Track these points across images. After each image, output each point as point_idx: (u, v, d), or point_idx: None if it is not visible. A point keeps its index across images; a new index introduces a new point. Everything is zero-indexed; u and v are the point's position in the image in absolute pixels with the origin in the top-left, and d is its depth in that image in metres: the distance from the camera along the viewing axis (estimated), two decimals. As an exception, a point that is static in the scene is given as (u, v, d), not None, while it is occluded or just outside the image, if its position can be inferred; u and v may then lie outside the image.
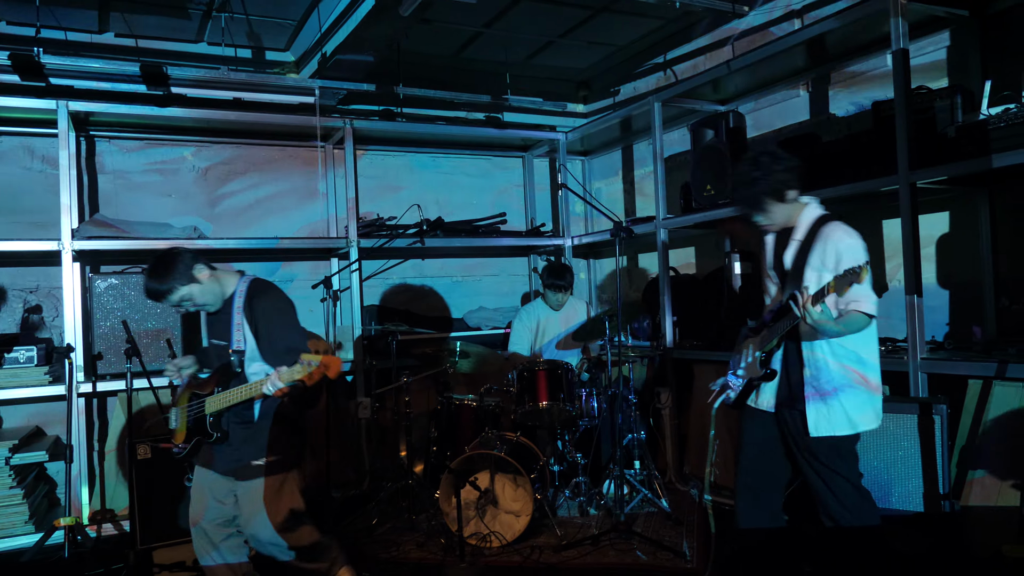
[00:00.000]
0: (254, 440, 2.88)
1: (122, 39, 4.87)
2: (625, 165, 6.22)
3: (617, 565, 3.59)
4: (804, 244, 2.78)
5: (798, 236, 2.82)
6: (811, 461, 2.76)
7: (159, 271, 2.79)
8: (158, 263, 2.81)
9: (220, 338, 2.85)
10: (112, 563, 3.72)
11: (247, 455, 2.87)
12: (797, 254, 2.79)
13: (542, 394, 4.27)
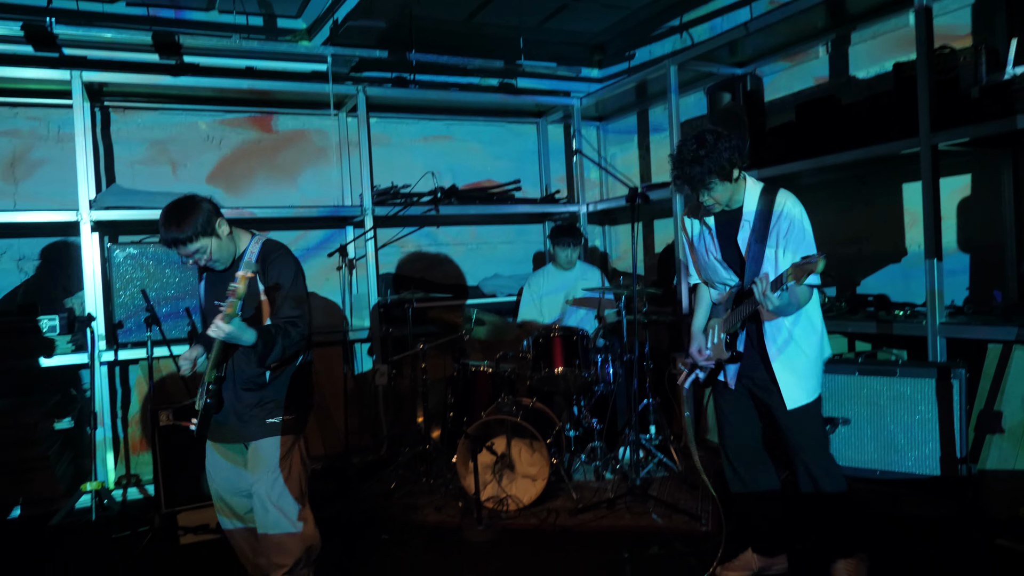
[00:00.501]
0: (267, 400, 2.78)
1: (134, 8, 4.84)
2: (641, 130, 6.15)
3: (633, 528, 3.63)
4: (757, 223, 2.75)
5: (748, 217, 2.77)
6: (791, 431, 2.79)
7: (180, 217, 2.63)
8: (177, 209, 2.65)
9: (222, 299, 2.56)
10: (138, 526, 3.82)
11: (260, 414, 2.76)
12: (752, 233, 2.75)
13: (558, 360, 4.29)
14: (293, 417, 2.81)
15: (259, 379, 2.77)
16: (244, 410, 2.78)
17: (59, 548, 3.70)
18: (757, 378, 2.84)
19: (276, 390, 2.80)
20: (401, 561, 3.37)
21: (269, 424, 2.77)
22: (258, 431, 2.77)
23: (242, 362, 2.75)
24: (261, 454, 2.77)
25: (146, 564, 3.45)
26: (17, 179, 4.74)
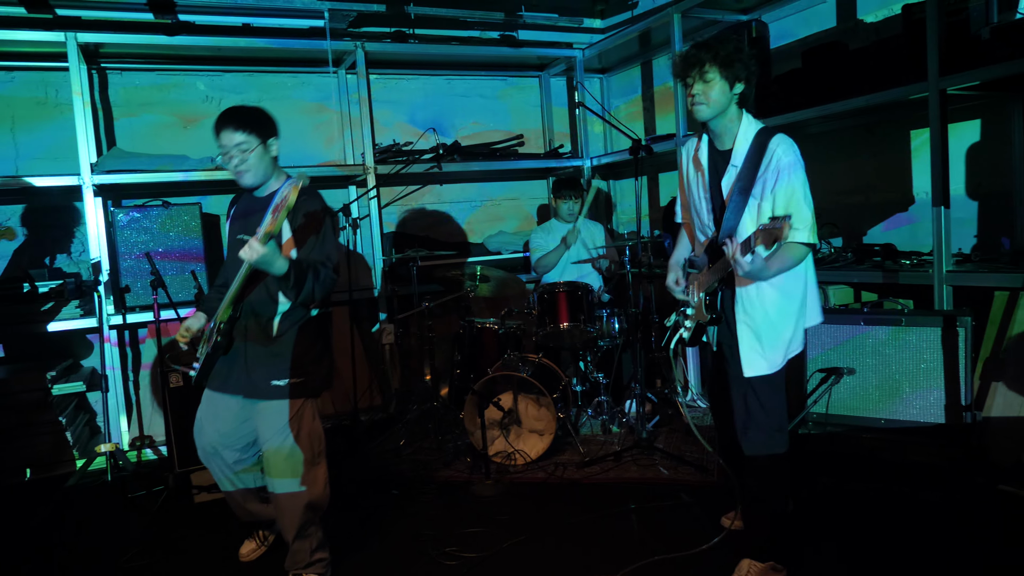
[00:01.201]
0: (275, 357, 2.66)
1: (126, -35, 4.76)
2: (645, 82, 6.05)
3: (640, 479, 3.68)
4: (745, 169, 2.49)
5: (736, 161, 2.52)
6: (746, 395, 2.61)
7: (245, 109, 2.69)
8: (251, 107, 2.72)
9: (248, 233, 2.47)
10: (153, 485, 3.89)
11: (267, 374, 2.66)
12: (737, 181, 2.50)
13: (563, 316, 4.30)
14: (302, 380, 2.68)
15: (268, 330, 2.65)
16: (252, 363, 2.67)
17: (76, 508, 3.78)
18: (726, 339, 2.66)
19: (284, 347, 2.67)
20: (411, 515, 3.43)
21: (274, 387, 2.66)
22: (264, 391, 2.67)
23: (258, 306, 2.66)
24: (267, 416, 2.68)
25: (162, 521, 3.52)
26: (18, 144, 4.72)
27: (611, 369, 4.48)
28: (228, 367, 2.73)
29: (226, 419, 2.77)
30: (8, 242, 4.69)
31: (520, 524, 3.25)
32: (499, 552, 3.01)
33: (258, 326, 2.68)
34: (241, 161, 2.64)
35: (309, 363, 2.71)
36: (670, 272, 2.86)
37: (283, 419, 2.68)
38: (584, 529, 3.18)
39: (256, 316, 2.67)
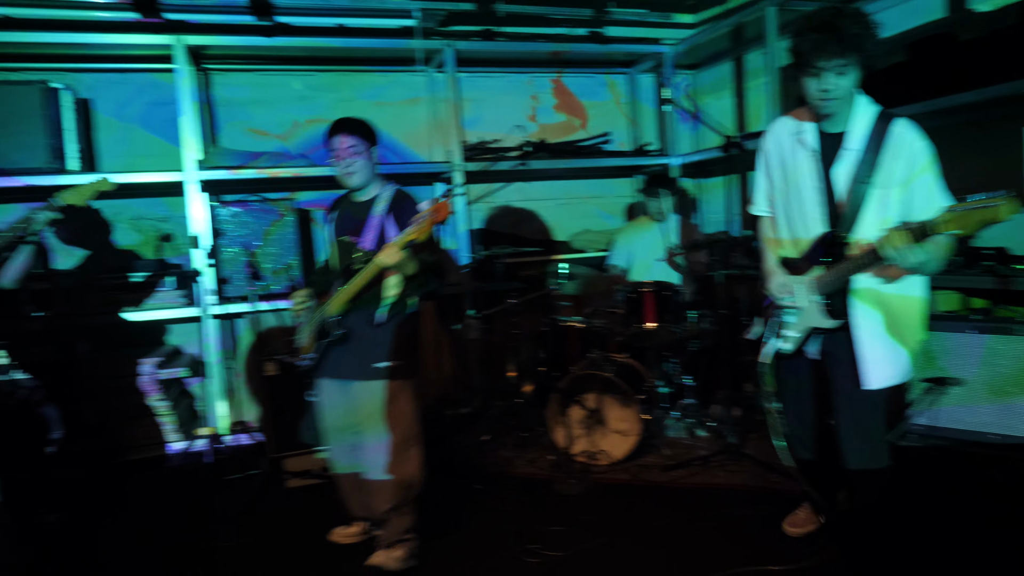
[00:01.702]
0: (377, 344, 2.92)
1: (231, -30, 4.96)
2: (736, 78, 5.90)
3: (726, 486, 3.60)
4: (865, 155, 2.29)
5: (852, 144, 2.33)
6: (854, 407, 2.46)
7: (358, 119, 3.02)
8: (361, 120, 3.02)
9: (352, 234, 2.97)
10: (248, 469, 4.05)
11: (369, 358, 2.90)
12: (858, 169, 2.31)
13: (649, 315, 4.24)
14: (399, 364, 2.92)
15: (371, 320, 2.91)
16: (356, 349, 2.93)
17: (179, 487, 3.98)
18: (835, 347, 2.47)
19: (385, 336, 2.93)
20: (493, 510, 3.45)
21: (374, 369, 2.90)
22: (365, 373, 2.91)
23: (366, 299, 2.91)
24: (365, 397, 2.92)
25: (257, 504, 3.66)
26: (131, 143, 4.98)
27: (698, 371, 4.39)
28: (337, 355, 2.99)
29: (338, 403, 3.03)
30: (118, 233, 4.96)
31: (602, 525, 3.23)
32: (581, 552, 3.00)
33: (364, 317, 2.93)
34: (348, 165, 2.94)
35: (406, 350, 2.97)
36: (774, 276, 2.64)
37: (378, 401, 2.91)
38: (668, 534, 3.14)
39: (363, 308, 2.92)
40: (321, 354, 3.01)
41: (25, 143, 4.19)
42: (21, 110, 4.19)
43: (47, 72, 4.69)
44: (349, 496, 3.17)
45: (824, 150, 2.40)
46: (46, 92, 4.27)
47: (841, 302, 2.42)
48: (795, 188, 2.48)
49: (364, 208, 2.99)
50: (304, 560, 3.10)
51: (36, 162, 4.21)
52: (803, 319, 2.51)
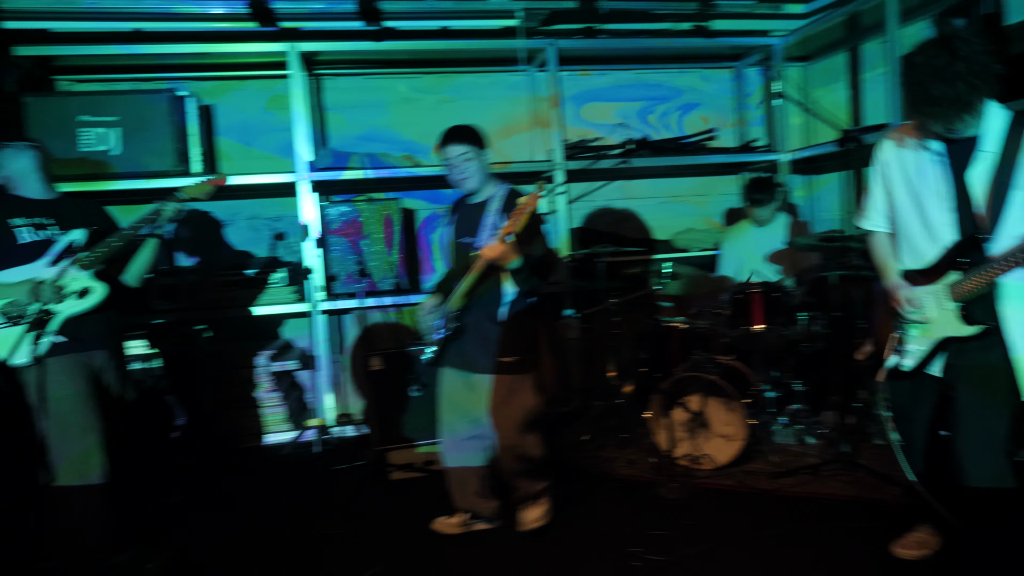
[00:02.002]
0: (500, 339, 3.11)
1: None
2: (851, 69, 5.62)
3: (839, 496, 3.43)
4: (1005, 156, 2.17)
5: (986, 146, 2.22)
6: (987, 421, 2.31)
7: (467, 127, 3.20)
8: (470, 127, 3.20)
9: (468, 235, 3.17)
10: (354, 460, 4.17)
11: (493, 352, 3.10)
12: (996, 172, 2.20)
13: (757, 317, 4.09)
14: (521, 358, 3.12)
15: (494, 316, 3.10)
16: (481, 343, 3.11)
17: (288, 475, 4.15)
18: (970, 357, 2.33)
19: (507, 330, 3.11)
20: (594, 511, 3.42)
21: (499, 363, 3.10)
22: (491, 367, 3.11)
23: (487, 295, 3.10)
24: (487, 389, 3.12)
25: (362, 494, 3.76)
26: (248, 146, 5.24)
27: (809, 376, 4.21)
28: (459, 347, 3.18)
29: (460, 392, 3.21)
30: (234, 232, 5.22)
31: (706, 531, 3.14)
32: (684, 558, 2.92)
33: (486, 312, 3.12)
34: (462, 171, 3.14)
35: (527, 344, 3.19)
36: (900, 290, 2.51)
37: (506, 391, 3.11)
38: (774, 544, 3.01)
39: (485, 304, 3.12)
40: (442, 347, 3.20)
41: (154, 148, 4.48)
42: (151, 117, 4.48)
43: (173, 81, 5.00)
44: (455, 487, 3.27)
45: (953, 155, 2.31)
46: (173, 100, 4.54)
47: (982, 307, 2.30)
48: (920, 197, 2.40)
49: (479, 209, 3.18)
50: (407, 549, 3.16)
51: (163, 165, 4.48)
52: (933, 330, 2.40)
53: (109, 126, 4.42)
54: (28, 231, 2.90)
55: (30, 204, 2.99)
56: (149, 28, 4.61)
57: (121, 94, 4.62)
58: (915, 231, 2.46)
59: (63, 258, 2.90)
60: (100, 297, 2.91)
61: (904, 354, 2.48)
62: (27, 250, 2.88)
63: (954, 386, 2.42)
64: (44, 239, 2.93)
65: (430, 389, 3.99)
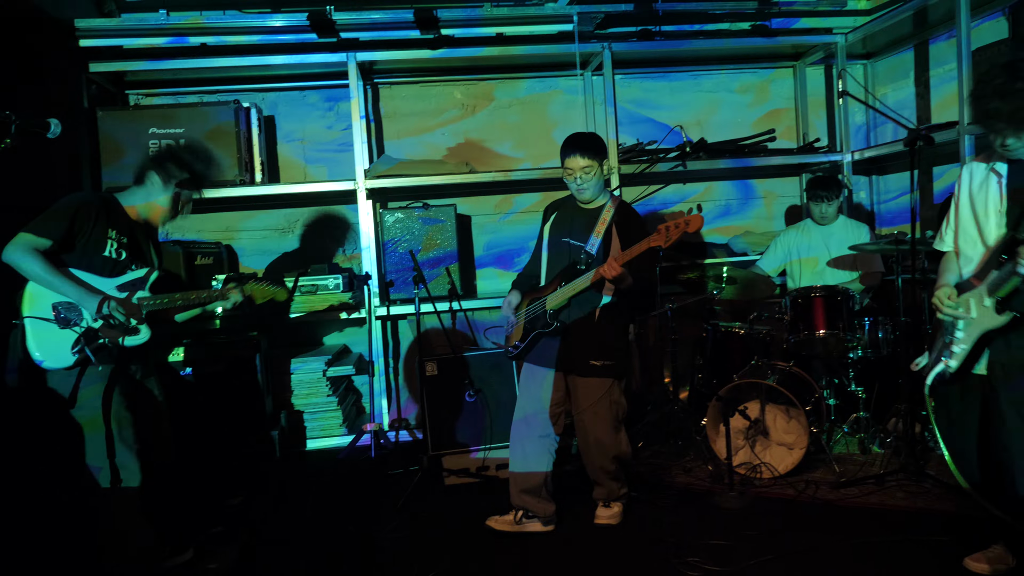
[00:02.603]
0: (595, 342, 3.21)
1: (396, -12, 5.22)
2: (918, 66, 5.43)
3: (906, 508, 3.30)
4: None
5: None
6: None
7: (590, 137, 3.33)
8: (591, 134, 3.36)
9: (577, 239, 3.27)
10: (409, 465, 4.21)
11: (588, 355, 3.20)
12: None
13: (818, 322, 3.99)
14: (614, 363, 3.24)
15: (590, 319, 3.22)
16: (575, 345, 3.22)
17: (345, 479, 4.21)
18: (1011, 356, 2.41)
19: (602, 334, 3.23)
20: (650, 520, 3.37)
21: (593, 366, 3.21)
22: (586, 369, 3.23)
23: (584, 298, 3.20)
24: (586, 389, 3.24)
25: (417, 498, 3.79)
26: (307, 155, 5.37)
27: (873, 383, 4.07)
28: (548, 345, 3.29)
29: (545, 387, 3.31)
30: (295, 238, 5.34)
31: (767, 542, 3.05)
32: (743, 569, 2.85)
33: (582, 315, 3.24)
34: (582, 181, 3.23)
35: (620, 349, 3.32)
36: (941, 288, 2.62)
37: (598, 393, 3.24)
38: (838, 557, 2.92)
39: (581, 306, 3.23)
40: (529, 343, 3.31)
41: (219, 158, 4.62)
42: (216, 128, 4.63)
43: (237, 92, 5.16)
44: (515, 484, 3.31)
45: (1016, 172, 2.49)
46: (238, 111, 4.68)
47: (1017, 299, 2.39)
48: (980, 216, 2.56)
49: (591, 216, 3.28)
50: (462, 553, 3.17)
51: (228, 175, 4.62)
52: (975, 327, 2.49)
53: (176, 138, 4.59)
54: (111, 244, 2.91)
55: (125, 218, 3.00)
56: (214, 42, 4.77)
57: (188, 106, 4.79)
58: (970, 246, 2.60)
59: (130, 289, 2.93)
60: (143, 340, 2.93)
61: (951, 356, 2.56)
62: (105, 263, 2.89)
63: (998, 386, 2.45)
64: (122, 260, 2.94)
65: (483, 395, 4.04)
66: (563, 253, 3.31)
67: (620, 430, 3.34)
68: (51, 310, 2.79)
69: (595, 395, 3.23)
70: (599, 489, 3.38)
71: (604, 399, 3.24)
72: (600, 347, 3.22)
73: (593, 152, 3.23)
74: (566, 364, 3.27)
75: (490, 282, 5.47)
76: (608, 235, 3.21)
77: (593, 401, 3.23)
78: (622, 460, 3.37)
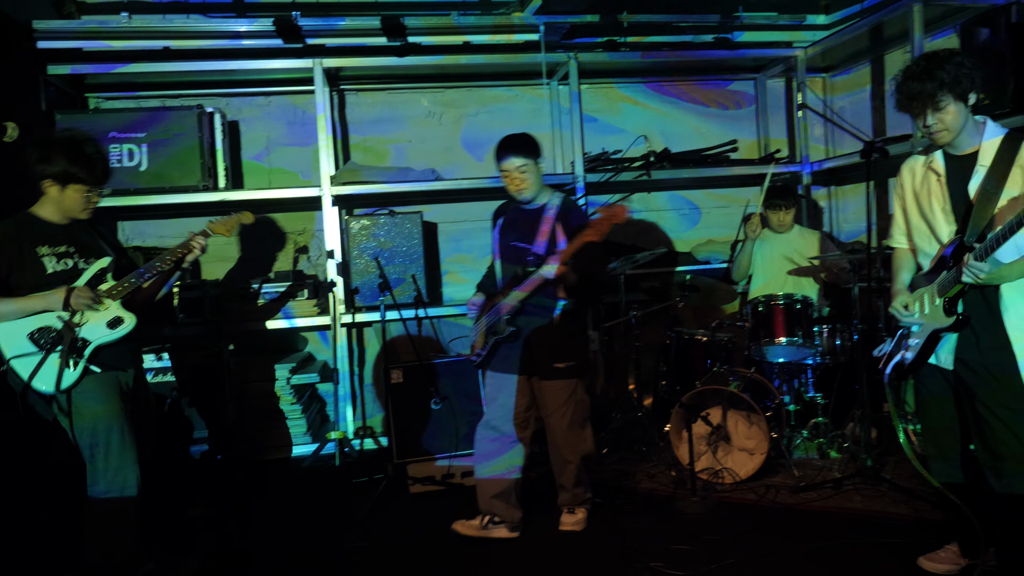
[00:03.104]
0: (555, 341, 3.23)
1: (363, -7, 5.21)
2: (875, 80, 5.58)
3: (863, 511, 3.38)
4: (996, 168, 2.41)
5: (985, 161, 2.44)
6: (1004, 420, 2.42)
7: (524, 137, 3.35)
8: (524, 134, 3.37)
9: (524, 241, 3.27)
10: (374, 473, 4.19)
11: (550, 356, 3.23)
12: (987, 181, 2.42)
13: (778, 330, 4.07)
14: (576, 363, 3.27)
15: (548, 321, 3.22)
16: (535, 349, 3.24)
17: (309, 488, 4.17)
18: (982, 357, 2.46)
19: (561, 336, 3.24)
20: (614, 525, 3.39)
21: (556, 368, 3.23)
22: (549, 372, 3.24)
23: (540, 301, 3.21)
24: (551, 393, 3.27)
25: (382, 507, 3.78)
26: (271, 161, 5.32)
27: (831, 389, 4.16)
28: (510, 351, 3.29)
29: (510, 394, 3.32)
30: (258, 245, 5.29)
31: (728, 546, 3.10)
32: (706, 574, 2.89)
33: (541, 318, 3.24)
34: (522, 181, 3.25)
35: (579, 348, 3.35)
36: (896, 297, 2.71)
37: (564, 395, 3.27)
38: (798, 560, 2.97)
39: (539, 309, 3.23)
40: (490, 350, 3.31)
41: (181, 163, 4.56)
42: (179, 133, 4.57)
43: (201, 97, 5.10)
44: (482, 489, 3.33)
45: (954, 172, 2.54)
46: (201, 116, 4.63)
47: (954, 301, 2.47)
48: (928, 215, 2.62)
49: (534, 215, 3.29)
50: (426, 562, 3.17)
51: (191, 180, 4.56)
52: (926, 325, 2.57)
53: (138, 142, 4.52)
54: (50, 260, 2.83)
55: (50, 230, 2.90)
56: (177, 46, 4.70)
57: (149, 110, 4.72)
58: (925, 243, 2.66)
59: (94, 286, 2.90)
60: (130, 327, 2.91)
61: (906, 348, 2.65)
62: (57, 280, 2.82)
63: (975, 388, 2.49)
64: (70, 268, 2.88)
65: (449, 402, 4.04)
66: (513, 257, 3.33)
67: (586, 427, 3.40)
68: (29, 342, 2.76)
69: (561, 397, 3.26)
70: (564, 495, 3.40)
71: (570, 400, 3.28)
72: (561, 349, 3.25)
73: (526, 151, 3.27)
74: (529, 368, 3.30)
75: (456, 289, 5.47)
76: (553, 234, 3.23)
77: (560, 403, 3.26)
78: (588, 459, 3.41)
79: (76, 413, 2.77)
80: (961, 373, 2.53)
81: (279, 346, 5.24)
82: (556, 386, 3.27)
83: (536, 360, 3.27)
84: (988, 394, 2.45)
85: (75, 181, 2.85)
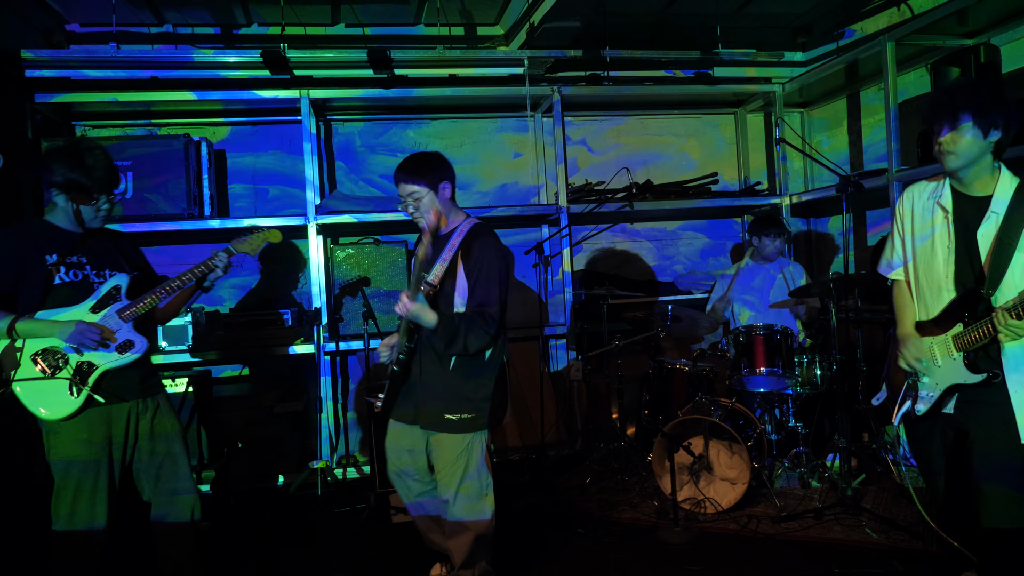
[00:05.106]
0: (449, 391, 2.77)
1: (352, 28, 5.29)
2: (851, 115, 5.72)
3: (844, 541, 3.40)
4: (1011, 218, 2.35)
5: (998, 208, 2.39)
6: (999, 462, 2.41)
7: (417, 160, 2.87)
8: (419, 155, 2.91)
9: (425, 269, 2.77)
10: (356, 503, 4.17)
11: (441, 407, 2.77)
12: (1001, 231, 2.37)
13: (759, 360, 4.11)
14: (472, 416, 2.78)
15: (444, 363, 2.76)
16: (427, 395, 2.80)
17: (294, 516, 4.14)
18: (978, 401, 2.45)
19: (458, 382, 2.77)
20: (596, 556, 3.40)
21: (447, 420, 2.77)
22: (438, 424, 2.78)
23: (432, 338, 2.74)
24: (441, 447, 2.82)
25: (364, 537, 3.75)
26: (257, 190, 5.35)
27: (811, 419, 4.21)
28: (406, 398, 2.89)
29: (405, 447, 2.93)
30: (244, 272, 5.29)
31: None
32: (687, 603, 2.90)
33: (436, 359, 2.80)
34: (415, 209, 2.84)
35: (481, 399, 2.82)
36: (908, 344, 2.61)
37: (455, 451, 2.79)
38: (781, 589, 2.99)
39: (434, 349, 2.79)
40: (388, 394, 2.88)
41: (169, 191, 4.58)
42: (165, 161, 4.59)
43: (188, 126, 5.14)
44: (422, 535, 3.11)
45: (963, 212, 2.47)
46: (188, 144, 4.66)
47: (984, 356, 2.43)
48: (930, 250, 2.56)
49: (442, 242, 2.84)
50: (408, 595, 3.15)
51: (176, 208, 4.58)
52: (942, 378, 2.51)
53: (124, 170, 4.53)
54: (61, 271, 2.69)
55: (63, 237, 2.75)
56: (165, 76, 4.75)
57: (136, 139, 4.74)
58: (923, 282, 2.60)
59: (106, 305, 2.75)
60: (140, 352, 2.75)
61: (918, 400, 2.59)
62: (69, 291, 2.69)
63: (967, 426, 2.49)
64: (82, 279, 2.73)
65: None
66: (416, 287, 2.76)
67: (484, 498, 2.83)
68: (32, 365, 2.64)
69: (451, 454, 2.77)
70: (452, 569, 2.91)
71: (460, 459, 2.77)
72: (454, 398, 2.76)
73: (418, 176, 2.78)
74: (421, 418, 2.83)
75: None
76: (454, 263, 2.78)
77: (448, 461, 2.78)
78: (482, 539, 2.83)
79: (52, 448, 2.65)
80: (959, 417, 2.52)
81: (263, 373, 5.23)
82: (444, 441, 2.80)
83: (428, 408, 2.81)
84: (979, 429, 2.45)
85: (77, 188, 2.72)
